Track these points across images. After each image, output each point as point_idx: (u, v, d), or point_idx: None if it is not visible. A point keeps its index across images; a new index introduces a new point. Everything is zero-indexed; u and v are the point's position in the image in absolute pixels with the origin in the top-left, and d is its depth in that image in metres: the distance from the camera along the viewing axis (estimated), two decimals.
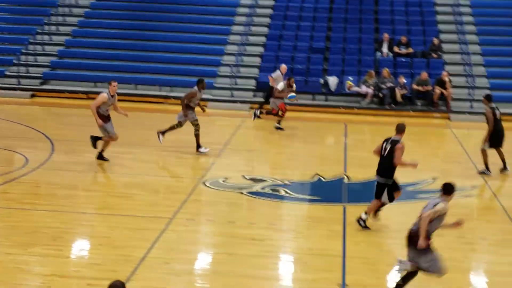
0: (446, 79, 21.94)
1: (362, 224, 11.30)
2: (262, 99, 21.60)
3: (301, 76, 23.28)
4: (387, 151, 10.95)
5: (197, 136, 15.60)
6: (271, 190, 13.36)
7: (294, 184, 13.91)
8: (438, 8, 26.19)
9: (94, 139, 14.56)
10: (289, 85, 19.19)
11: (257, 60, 24.52)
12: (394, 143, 10.93)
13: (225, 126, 19.44)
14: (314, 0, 26.86)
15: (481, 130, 19.12)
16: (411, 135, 19.46)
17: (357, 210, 12.34)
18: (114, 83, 14.31)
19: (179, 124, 15.75)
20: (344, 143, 18.04)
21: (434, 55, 23.64)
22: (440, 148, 18.82)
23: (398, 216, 12.18)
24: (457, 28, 25.09)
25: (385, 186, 11.17)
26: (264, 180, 13.95)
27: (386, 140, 11.11)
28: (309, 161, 15.98)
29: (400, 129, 11.06)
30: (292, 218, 12.09)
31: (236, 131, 18.99)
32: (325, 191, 13.64)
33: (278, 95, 19.09)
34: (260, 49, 24.94)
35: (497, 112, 14.72)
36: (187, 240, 10.68)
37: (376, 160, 11.21)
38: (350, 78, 22.68)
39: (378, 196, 11.28)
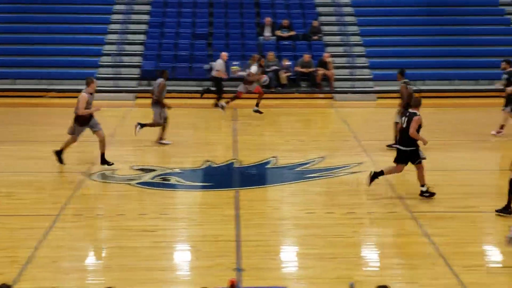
0: (328, 59, 22.40)
1: (427, 195, 11.90)
2: (213, 88, 21.34)
3: (185, 62, 23.09)
4: (405, 123, 11.76)
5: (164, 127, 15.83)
6: (161, 179, 13.16)
7: (185, 171, 13.77)
8: None
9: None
10: (260, 66, 19.20)
11: (139, 48, 24.10)
12: (411, 115, 11.75)
13: (110, 117, 18.94)
14: None
15: (362, 108, 19.75)
16: (297, 116, 19.82)
17: (249, 193, 12.38)
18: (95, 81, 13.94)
19: (165, 120, 15.73)
20: (234, 127, 18.05)
21: (315, 37, 24.06)
22: (326, 128, 19.21)
23: (289, 197, 12.32)
24: (335, 10, 25.64)
25: (406, 153, 11.87)
26: (153, 170, 13.73)
27: (404, 114, 12.09)
28: (199, 148, 15.87)
29: (416, 103, 11.94)
30: (184, 206, 11.94)
31: (122, 121, 18.58)
32: (216, 177, 13.58)
33: (253, 78, 18.90)
34: (142, 37, 24.52)
35: (411, 87, 15.30)
36: (76, 236, 10.33)
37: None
38: (235, 62, 22.70)
39: (397, 161, 12.10)
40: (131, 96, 22.00)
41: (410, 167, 12.17)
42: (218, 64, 21.31)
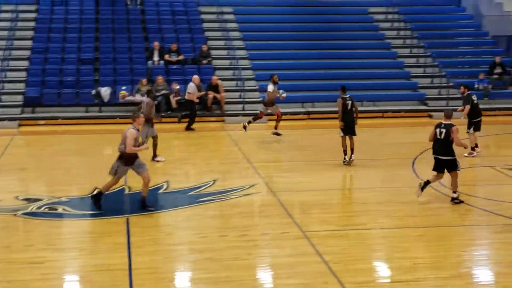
0: (218, 82, 22.49)
1: (457, 201, 12.88)
2: (185, 113, 21.19)
3: (71, 88, 22.54)
4: (443, 134, 12.73)
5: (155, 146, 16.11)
6: (48, 209, 12.66)
7: (73, 200, 13.33)
8: (204, 16, 26.80)
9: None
10: (274, 82, 18.93)
11: (22, 75, 23.29)
12: (448, 126, 12.73)
13: None
14: (79, 11, 26.18)
15: (254, 130, 19.91)
16: (189, 140, 19.73)
17: (140, 220, 12.13)
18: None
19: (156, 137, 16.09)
20: None
21: (204, 61, 24.12)
22: (218, 151, 19.19)
23: (182, 222, 12.18)
24: (223, 35, 25.85)
25: (447, 162, 12.82)
26: (39, 199, 13.20)
27: (438, 126, 12.90)
28: (87, 175, 15.43)
29: (449, 115, 12.95)
30: (73, 236, 11.53)
31: (5, 150, 17.83)
32: (106, 204, 13.20)
33: (271, 97, 18.70)
34: (25, 63, 23.73)
35: (348, 103, 15.89)
36: None
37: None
38: (123, 87, 22.37)
39: (436, 169, 13.01)
40: (15, 123, 21.20)
41: (308, 189, 12.31)
42: (190, 88, 21.10)
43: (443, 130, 12.88)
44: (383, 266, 10.47)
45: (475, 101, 17.03)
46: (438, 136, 12.96)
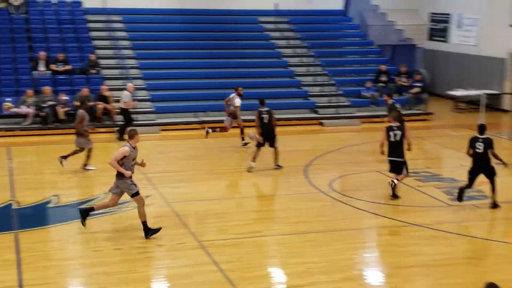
0: (107, 93, 22.05)
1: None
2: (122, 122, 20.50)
3: None
4: (398, 136, 13.69)
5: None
6: None
7: None
8: (91, 25, 26.24)
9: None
10: (239, 95, 19.13)
11: None
12: (401, 128, 13.78)
13: None
14: None
15: (146, 140, 19.67)
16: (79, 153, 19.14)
17: (30, 235, 11.70)
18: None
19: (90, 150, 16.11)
20: (9, 167, 17.01)
21: (93, 71, 23.62)
22: None
23: (74, 236, 11.85)
24: (112, 44, 25.43)
25: (401, 164, 13.82)
26: None
27: (390, 129, 13.76)
28: None
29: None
30: None
31: None
32: None
33: (236, 110, 18.89)
34: None
35: (264, 116, 16.53)
36: None
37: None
38: (8, 99, 21.54)
39: (393, 171, 13.96)
40: None
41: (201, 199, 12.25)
42: (125, 96, 20.47)
43: (397, 132, 13.78)
44: (278, 272, 10.60)
45: (399, 109, 17.39)
46: (392, 139, 13.80)
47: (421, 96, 24.46)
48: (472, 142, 13.39)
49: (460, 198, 13.35)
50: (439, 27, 29.33)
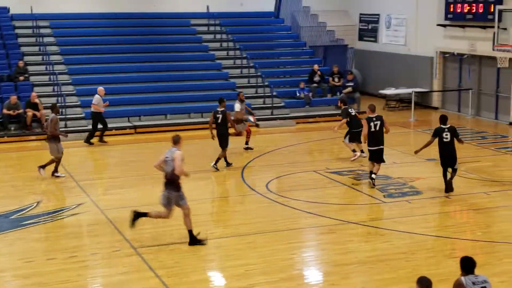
0: (37, 100, 21.50)
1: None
2: (100, 126, 20.13)
3: None
4: (378, 126, 14.20)
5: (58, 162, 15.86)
6: None
7: None
8: (19, 31, 25.58)
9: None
10: (241, 100, 18.59)
11: None
12: (380, 118, 14.36)
13: None
14: None
15: (77, 147, 19.25)
16: (8, 161, 18.66)
17: None
18: None
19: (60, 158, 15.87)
20: None
21: (21, 78, 23.01)
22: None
23: (4, 248, 11.50)
24: (41, 50, 24.84)
25: (382, 151, 14.46)
26: None
27: (370, 120, 14.33)
28: None
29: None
30: None
31: None
32: None
33: (238, 117, 18.04)
34: None
35: (219, 116, 16.54)
36: None
37: None
38: None
39: (374, 160, 14.59)
40: None
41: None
42: (95, 99, 20.16)
43: (377, 123, 14.46)
44: (217, 276, 10.52)
45: (353, 113, 17.33)
46: (373, 129, 14.43)
47: (354, 95, 24.78)
48: (439, 132, 13.96)
49: (448, 189, 14.10)
50: (369, 28, 29.80)
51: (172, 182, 11.18)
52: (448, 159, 14.00)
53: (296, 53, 27.84)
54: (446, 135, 13.86)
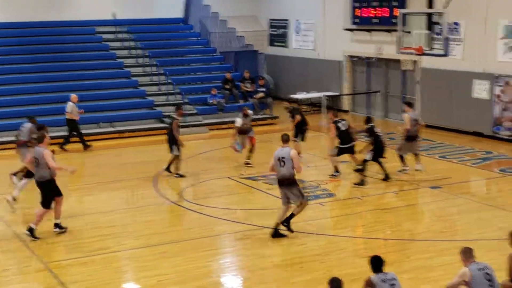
0: None
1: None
2: (74, 133, 19.94)
3: None
4: (345, 125, 15.63)
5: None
6: None
7: None
8: None
9: None
10: (245, 115, 17.82)
11: None
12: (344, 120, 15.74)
13: None
14: None
15: None
16: None
17: None
18: None
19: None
20: None
21: None
22: None
23: None
24: None
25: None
26: None
27: (338, 122, 15.56)
28: None
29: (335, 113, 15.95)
30: None
31: None
32: None
33: (240, 129, 17.24)
34: None
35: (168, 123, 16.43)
36: None
37: None
38: None
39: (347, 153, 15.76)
40: None
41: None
42: (69, 107, 20.08)
43: (344, 122, 15.55)
44: (129, 287, 10.32)
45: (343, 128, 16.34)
46: (343, 128, 15.55)
47: (266, 100, 24.95)
48: (373, 131, 15.10)
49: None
50: (279, 33, 30.10)
51: (294, 181, 11.75)
52: (382, 152, 15.35)
53: (206, 59, 27.78)
54: (379, 132, 15.40)
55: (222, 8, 29.18)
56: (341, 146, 15.91)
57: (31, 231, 12.02)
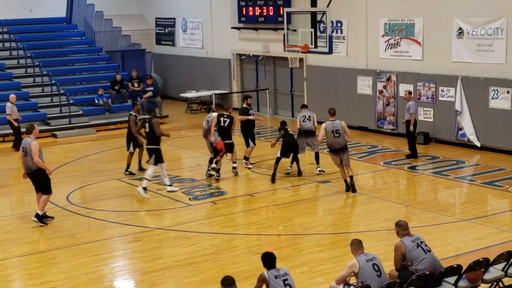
0: None
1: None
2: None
3: None
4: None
5: None
6: None
7: None
8: None
9: None
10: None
11: None
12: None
13: None
14: None
15: None
16: None
17: None
18: None
19: None
20: None
21: None
22: None
23: None
24: None
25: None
26: None
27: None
28: None
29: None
30: None
31: None
32: None
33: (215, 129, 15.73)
34: None
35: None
36: None
37: None
38: None
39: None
40: None
41: None
42: (7, 108, 19.87)
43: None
44: None
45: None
46: (221, 124, 15.66)
47: (155, 99, 24.63)
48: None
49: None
50: (166, 32, 29.82)
51: (347, 146, 14.35)
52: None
53: (92, 59, 27.10)
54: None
55: (106, 7, 28.54)
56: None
57: (39, 217, 12.71)
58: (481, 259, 8.55)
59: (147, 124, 14.78)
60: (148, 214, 13.45)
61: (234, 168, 16.23)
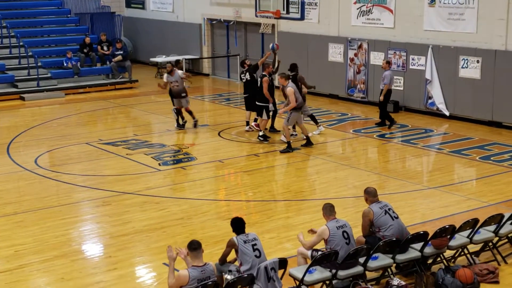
0: None
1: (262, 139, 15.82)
2: None
3: None
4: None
5: None
6: None
7: None
8: None
9: None
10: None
11: None
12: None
13: None
14: None
15: None
16: None
17: None
18: None
19: None
20: None
21: None
22: None
23: None
24: None
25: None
26: None
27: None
28: None
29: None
30: None
31: None
32: None
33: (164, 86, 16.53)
34: None
35: None
36: None
37: None
38: None
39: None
40: None
41: None
42: None
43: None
44: None
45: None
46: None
47: (124, 64, 24.35)
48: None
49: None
50: None
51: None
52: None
53: (60, 21, 26.60)
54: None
55: None
56: None
57: None
58: (447, 226, 8.69)
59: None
60: (117, 178, 13.38)
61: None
